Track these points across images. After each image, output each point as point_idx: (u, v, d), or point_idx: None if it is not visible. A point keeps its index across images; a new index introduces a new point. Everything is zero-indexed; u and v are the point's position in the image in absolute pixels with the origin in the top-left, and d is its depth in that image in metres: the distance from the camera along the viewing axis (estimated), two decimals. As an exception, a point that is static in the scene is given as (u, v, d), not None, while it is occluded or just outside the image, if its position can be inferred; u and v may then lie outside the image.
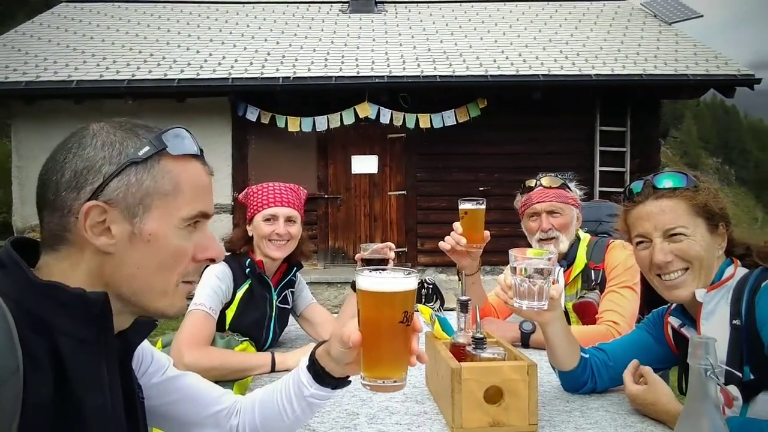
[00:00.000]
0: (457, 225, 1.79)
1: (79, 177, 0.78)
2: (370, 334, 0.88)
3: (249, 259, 1.93)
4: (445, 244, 1.81)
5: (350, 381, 1.02)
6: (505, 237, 1.85)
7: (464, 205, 1.77)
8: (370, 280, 0.87)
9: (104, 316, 0.76)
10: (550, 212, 2.02)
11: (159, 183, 0.80)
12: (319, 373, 0.99)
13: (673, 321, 1.41)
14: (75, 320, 0.74)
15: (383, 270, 0.90)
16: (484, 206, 1.76)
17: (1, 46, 8.74)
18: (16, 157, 8.26)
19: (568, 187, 2.08)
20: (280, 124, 7.75)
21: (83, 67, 7.98)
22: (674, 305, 1.44)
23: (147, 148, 0.80)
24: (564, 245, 2.02)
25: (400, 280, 0.87)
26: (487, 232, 1.79)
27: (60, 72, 7.83)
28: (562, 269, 2.04)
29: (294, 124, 7.72)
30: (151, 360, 1.04)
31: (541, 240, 2.02)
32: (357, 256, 1.99)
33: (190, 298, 1.04)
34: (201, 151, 0.87)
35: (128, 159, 0.79)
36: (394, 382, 0.88)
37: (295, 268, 2.08)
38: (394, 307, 0.86)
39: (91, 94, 7.63)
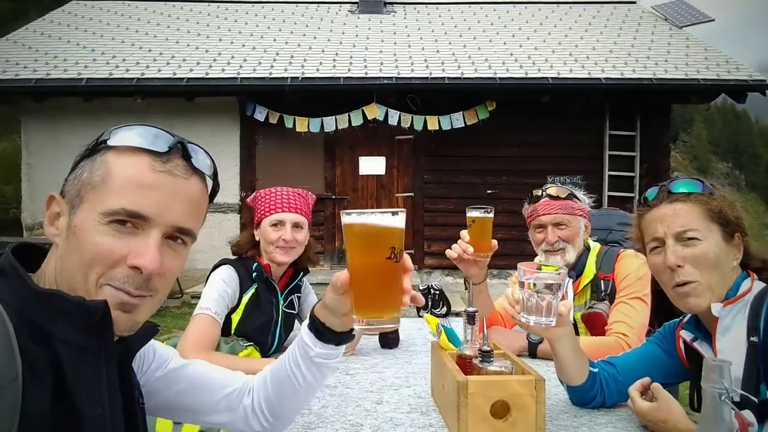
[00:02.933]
0: (464, 233, 1.76)
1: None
2: (358, 273, 0.86)
3: (256, 263, 1.92)
4: (452, 252, 1.78)
5: (353, 335, 1.00)
6: (512, 240, 1.83)
7: (472, 213, 1.73)
8: (354, 216, 0.85)
9: (104, 324, 0.75)
10: (557, 224, 1.99)
11: (93, 174, 0.78)
12: (320, 329, 0.97)
13: (686, 335, 1.39)
14: (75, 328, 0.73)
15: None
16: (492, 214, 1.73)
17: (12, 44, 8.81)
18: (25, 153, 8.31)
19: (576, 197, 2.04)
20: (288, 124, 7.75)
21: (93, 65, 8.02)
22: (687, 319, 1.41)
23: (94, 142, 0.80)
24: (571, 256, 1.99)
25: (384, 216, 0.84)
26: (494, 241, 1.76)
27: (70, 70, 7.87)
28: (571, 280, 2.02)
29: (302, 124, 7.73)
30: (154, 356, 1.03)
31: (546, 251, 1.99)
32: None
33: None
34: (179, 149, 0.81)
35: (82, 153, 0.81)
36: (386, 322, 0.86)
37: (301, 273, 2.07)
38: (380, 242, 0.84)
39: (100, 92, 7.68)
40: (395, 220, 0.85)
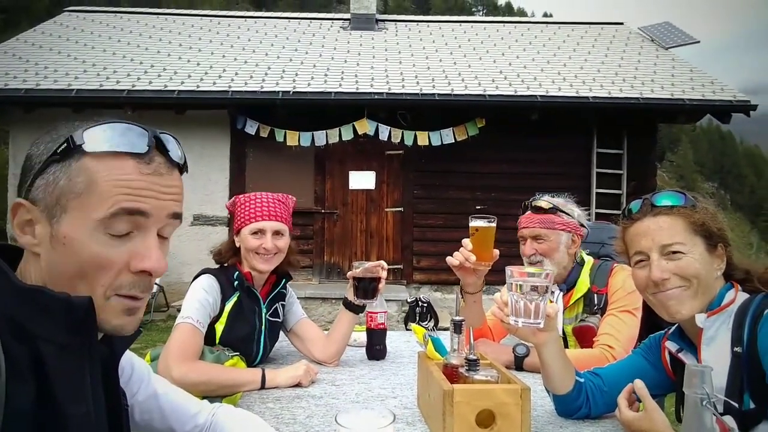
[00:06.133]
0: (466, 241, 1.75)
1: (24, 176, 0.78)
2: None
3: (237, 272, 1.90)
4: (453, 260, 1.77)
5: None
6: (502, 256, 1.84)
7: (475, 222, 1.73)
8: None
9: (88, 322, 0.74)
10: (535, 237, 2.02)
11: (73, 182, 0.74)
12: None
13: (671, 346, 1.39)
14: (58, 325, 0.72)
15: (363, 411, 0.93)
16: (494, 224, 1.73)
17: (2, 54, 8.77)
18: (13, 164, 8.24)
19: (562, 211, 2.06)
20: (279, 137, 7.76)
21: (83, 76, 8.01)
22: (672, 330, 1.42)
23: (64, 145, 0.75)
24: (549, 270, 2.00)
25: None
26: (496, 251, 1.76)
27: (60, 80, 7.85)
28: (561, 293, 2.02)
29: (293, 138, 7.74)
30: (132, 370, 1.03)
31: (530, 264, 2.02)
32: (349, 273, 1.97)
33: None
34: (158, 148, 0.79)
35: (49, 156, 0.75)
36: None
37: (284, 280, 2.05)
38: None
39: (90, 103, 7.64)
40: (389, 430, 0.89)
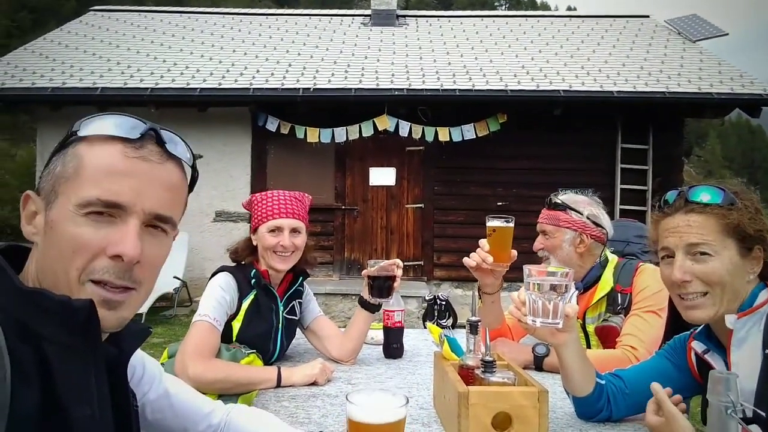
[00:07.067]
0: (483, 242, 1.71)
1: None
2: None
3: (254, 270, 1.91)
4: (470, 261, 1.73)
5: None
6: (523, 254, 1.80)
7: (492, 222, 1.69)
8: (360, 411, 0.89)
9: (90, 324, 0.73)
10: (543, 232, 2.06)
11: (66, 167, 0.76)
12: None
13: (697, 346, 1.34)
14: (60, 327, 0.72)
15: (376, 392, 0.94)
16: (512, 224, 1.69)
17: (30, 53, 8.95)
18: (40, 161, 8.42)
19: (571, 209, 2.02)
20: (300, 134, 7.78)
21: (108, 75, 8.13)
22: (699, 329, 1.37)
23: (66, 135, 0.79)
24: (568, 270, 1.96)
25: (389, 412, 0.89)
26: (514, 251, 1.72)
27: (85, 79, 7.98)
28: (577, 292, 1.98)
29: (313, 134, 7.75)
30: (143, 370, 1.03)
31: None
32: (364, 272, 1.96)
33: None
34: (152, 135, 0.78)
35: (54, 149, 0.79)
36: None
37: (301, 278, 2.05)
38: None
39: (114, 101, 7.75)
40: (397, 413, 0.90)
